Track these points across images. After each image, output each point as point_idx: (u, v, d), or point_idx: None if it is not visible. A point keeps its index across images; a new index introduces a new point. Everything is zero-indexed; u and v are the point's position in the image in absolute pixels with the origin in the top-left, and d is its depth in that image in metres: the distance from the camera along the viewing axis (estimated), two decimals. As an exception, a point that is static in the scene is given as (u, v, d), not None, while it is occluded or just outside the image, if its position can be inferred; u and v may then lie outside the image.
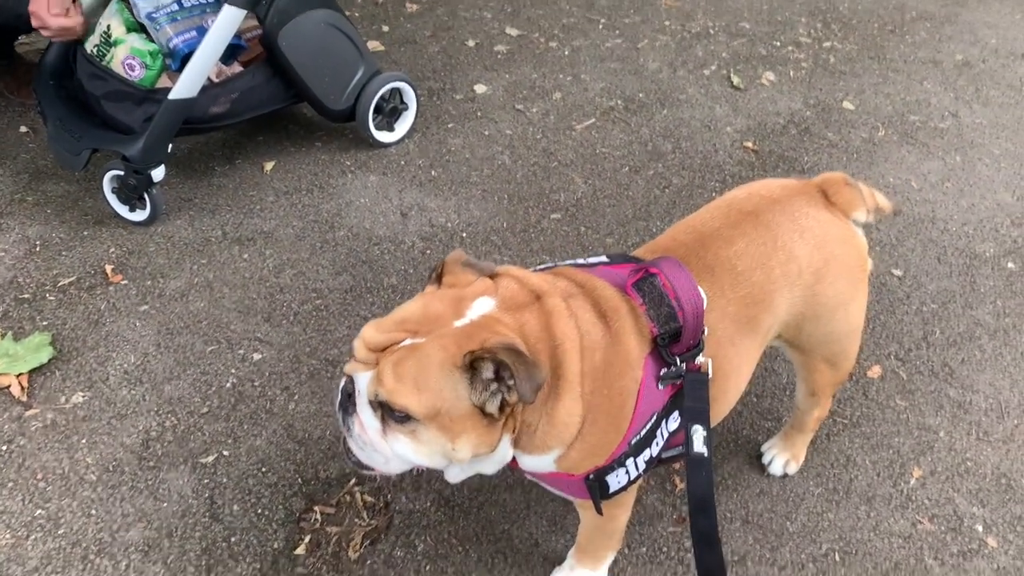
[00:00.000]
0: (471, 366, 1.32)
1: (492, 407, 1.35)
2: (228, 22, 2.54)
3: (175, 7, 2.70)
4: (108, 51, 2.64)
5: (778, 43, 4.14)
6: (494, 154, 3.22)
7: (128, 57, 2.57)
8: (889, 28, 4.37)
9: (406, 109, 3.18)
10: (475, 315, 1.39)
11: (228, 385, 2.23)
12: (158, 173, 2.60)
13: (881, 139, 3.47)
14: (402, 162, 3.12)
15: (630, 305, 1.53)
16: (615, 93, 3.65)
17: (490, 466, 1.49)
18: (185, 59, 2.63)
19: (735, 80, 3.79)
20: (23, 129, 3.12)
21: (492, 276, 1.50)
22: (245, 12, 2.56)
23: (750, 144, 3.37)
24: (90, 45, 2.67)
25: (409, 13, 4.14)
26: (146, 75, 2.59)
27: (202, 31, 2.68)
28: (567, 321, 1.45)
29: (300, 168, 3.03)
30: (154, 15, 2.67)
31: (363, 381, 1.38)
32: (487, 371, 1.32)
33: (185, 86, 2.53)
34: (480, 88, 3.60)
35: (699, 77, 3.81)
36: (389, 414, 1.36)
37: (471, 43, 3.92)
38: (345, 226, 2.80)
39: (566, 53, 3.92)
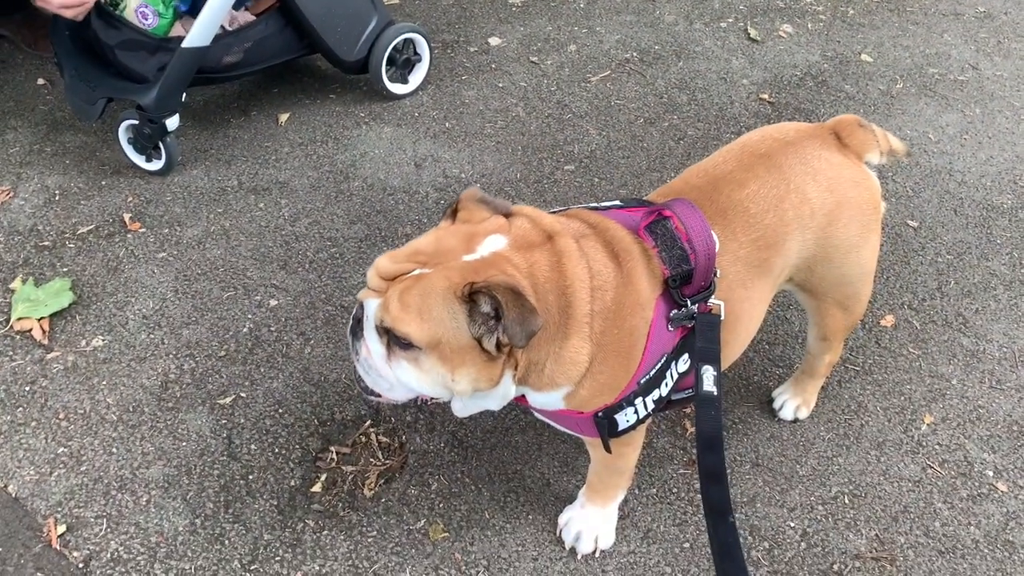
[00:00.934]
0: (470, 298, 1.34)
1: (489, 344, 1.37)
2: (241, -31, 2.53)
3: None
4: (122, 0, 2.65)
5: (797, -5, 4.09)
6: (508, 106, 3.21)
7: (141, 6, 2.58)
8: (910, -20, 4.30)
9: (419, 61, 3.17)
10: (486, 251, 1.41)
11: (245, 330, 2.26)
12: (172, 122, 2.62)
13: (899, 91, 3.43)
14: (416, 114, 3.12)
15: (642, 247, 1.54)
16: (630, 45, 3.62)
17: (494, 401, 1.52)
18: (195, 4, 2.64)
19: (752, 32, 3.75)
20: (40, 81, 3.14)
21: (507, 215, 1.51)
22: (258, -40, 2.56)
23: (766, 96, 3.34)
24: (104, -6, 2.68)
25: (423, -34, 4.11)
26: (159, 24, 2.60)
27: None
28: (578, 261, 1.46)
29: (315, 120, 3.04)
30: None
31: (371, 307, 1.41)
32: (485, 305, 1.34)
33: (198, 34, 2.54)
34: (494, 40, 3.58)
35: (716, 30, 3.77)
36: (394, 341, 1.39)
37: (485, -4, 3.89)
38: (360, 177, 2.81)
39: (581, 6, 3.88)
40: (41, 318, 2.23)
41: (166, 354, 2.19)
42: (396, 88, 3.13)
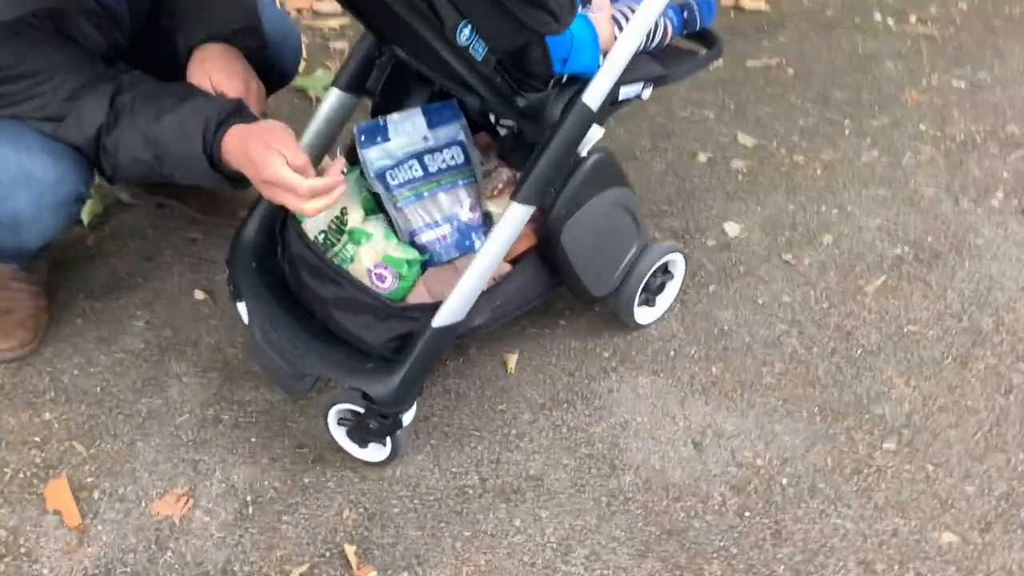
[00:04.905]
0: None
1: None
2: (516, 220, 1.90)
3: (418, 170, 2.07)
4: (338, 240, 2.03)
5: (1068, 156, 3.40)
6: (778, 335, 2.55)
7: (379, 266, 1.95)
8: None
9: (671, 279, 2.52)
10: None
11: None
12: (409, 415, 1.98)
13: None
14: (671, 351, 2.46)
15: None
16: (897, 235, 2.94)
17: None
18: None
19: (1038, 216, 3.07)
20: (199, 296, 2.50)
21: None
22: (533, 208, 1.92)
23: (1098, 324, 2.65)
24: (312, 228, 2.05)
25: (619, 113, 3.46)
26: (398, 287, 1.97)
27: (455, 223, 2.05)
28: None
29: (549, 363, 2.39)
30: (389, 177, 2.04)
31: None
32: None
33: (453, 310, 1.90)
34: (731, 228, 2.92)
35: (988, 210, 3.09)
36: None
37: (701, 157, 3.24)
38: (629, 465, 2.15)
39: (818, 172, 3.22)
40: None
41: None
42: (642, 316, 2.48)
